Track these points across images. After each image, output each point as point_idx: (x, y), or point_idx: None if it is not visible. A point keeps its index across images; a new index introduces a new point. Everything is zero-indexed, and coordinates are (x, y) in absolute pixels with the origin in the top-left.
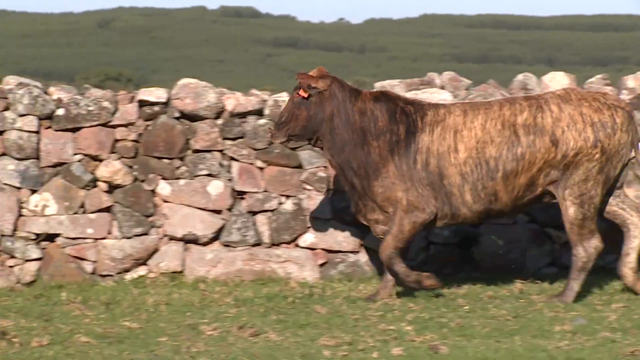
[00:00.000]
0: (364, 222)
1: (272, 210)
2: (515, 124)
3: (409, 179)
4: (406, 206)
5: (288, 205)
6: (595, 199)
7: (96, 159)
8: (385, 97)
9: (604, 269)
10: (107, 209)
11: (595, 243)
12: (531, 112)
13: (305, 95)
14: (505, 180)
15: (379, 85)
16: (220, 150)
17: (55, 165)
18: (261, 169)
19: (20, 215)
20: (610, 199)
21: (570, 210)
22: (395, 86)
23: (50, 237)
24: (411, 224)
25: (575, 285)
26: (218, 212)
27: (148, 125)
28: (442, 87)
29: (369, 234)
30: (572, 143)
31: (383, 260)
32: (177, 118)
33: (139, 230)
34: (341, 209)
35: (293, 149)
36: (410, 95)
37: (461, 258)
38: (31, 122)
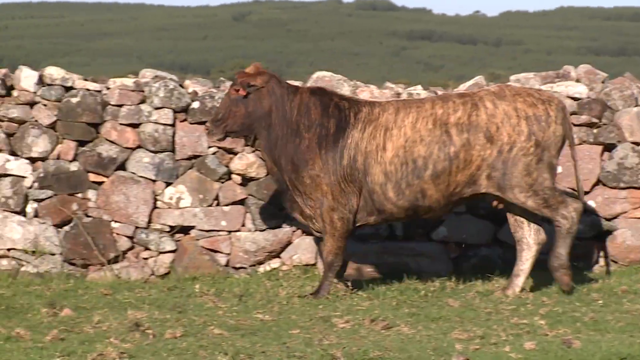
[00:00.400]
0: (300, 220)
1: None
2: (447, 123)
3: (333, 173)
4: (332, 201)
5: None
6: (546, 182)
7: (230, 151)
8: (321, 92)
9: None
10: (241, 202)
11: (573, 206)
12: (465, 110)
13: (244, 93)
14: (436, 179)
15: (513, 79)
16: None
17: (190, 158)
18: None
19: (155, 207)
20: (511, 214)
21: (529, 203)
22: (530, 79)
23: (185, 230)
24: (341, 220)
25: (562, 251)
26: None
27: None
28: (578, 80)
29: (502, 227)
30: (507, 138)
31: (325, 264)
32: None
33: (272, 222)
34: (474, 203)
35: None
36: (536, 87)
37: (596, 252)
38: (167, 115)
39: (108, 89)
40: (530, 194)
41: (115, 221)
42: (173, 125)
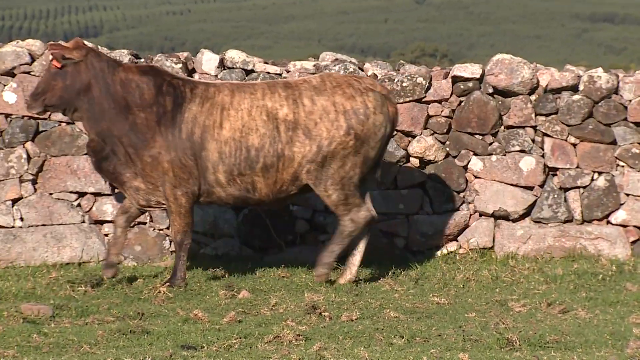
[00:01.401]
0: (122, 191)
1: (584, 187)
2: (277, 119)
3: (174, 149)
4: (173, 178)
5: (600, 181)
6: (355, 178)
7: (409, 134)
8: (153, 71)
9: None
10: (419, 185)
11: (363, 214)
12: (289, 106)
13: (59, 65)
14: (266, 173)
15: None
16: (533, 126)
17: None
18: (574, 145)
19: None
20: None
21: (333, 197)
22: None
23: None
24: (185, 195)
25: (336, 248)
26: (530, 188)
27: (461, 101)
28: None
29: None
30: (326, 134)
31: (175, 244)
32: (491, 94)
33: (450, 206)
34: None
35: (607, 125)
36: None
37: None
38: None
39: (288, 72)
40: (338, 187)
41: (294, 204)
42: None
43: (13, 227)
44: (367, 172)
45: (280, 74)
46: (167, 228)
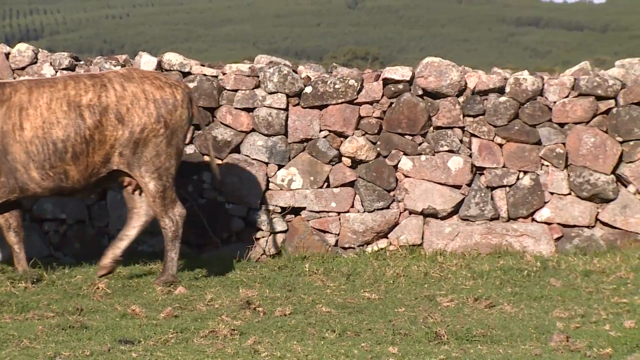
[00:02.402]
0: None
1: (510, 186)
2: (80, 105)
3: None
4: None
5: (526, 180)
6: (171, 169)
7: (341, 135)
8: None
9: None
10: (351, 184)
11: (179, 210)
12: (95, 91)
13: None
14: (76, 160)
15: (618, 64)
16: (461, 127)
17: (301, 141)
18: (500, 145)
19: (267, 189)
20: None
21: (150, 185)
22: (635, 64)
23: (295, 211)
24: None
25: (174, 255)
26: (457, 187)
27: (392, 103)
28: None
29: (604, 208)
30: (137, 119)
31: None
32: (420, 95)
33: (380, 204)
34: (578, 184)
35: (533, 125)
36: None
37: None
38: (280, 100)
39: (224, 74)
40: (155, 176)
41: (229, 202)
42: (286, 109)
43: None
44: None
45: (216, 76)
46: (107, 226)
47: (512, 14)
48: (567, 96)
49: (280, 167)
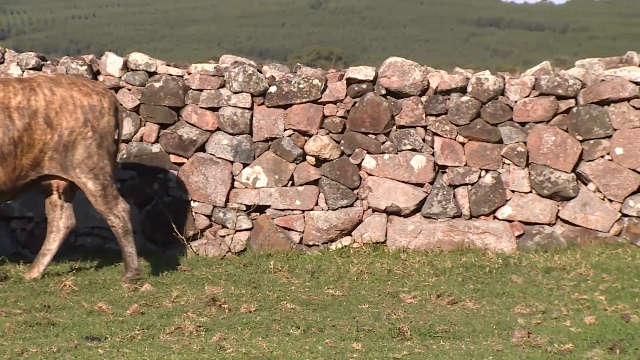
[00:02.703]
0: None
1: (472, 184)
2: (9, 107)
3: None
4: None
5: (487, 178)
6: (107, 168)
7: (305, 134)
8: None
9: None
10: (315, 182)
11: (122, 206)
12: (25, 95)
13: None
14: (3, 162)
15: (579, 64)
16: (424, 126)
17: (266, 140)
18: (462, 144)
19: (232, 187)
20: (48, 198)
21: (89, 185)
22: (594, 64)
23: (260, 209)
24: None
25: (130, 249)
26: (420, 185)
27: (355, 102)
28: None
29: (565, 206)
30: (65, 123)
31: None
32: (384, 95)
33: (344, 202)
34: (539, 182)
35: (494, 124)
36: (608, 72)
37: None
38: (245, 99)
39: (189, 74)
40: (91, 176)
41: (194, 200)
42: (251, 108)
43: None
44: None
45: (181, 76)
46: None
47: (473, 15)
48: (528, 96)
49: (245, 165)
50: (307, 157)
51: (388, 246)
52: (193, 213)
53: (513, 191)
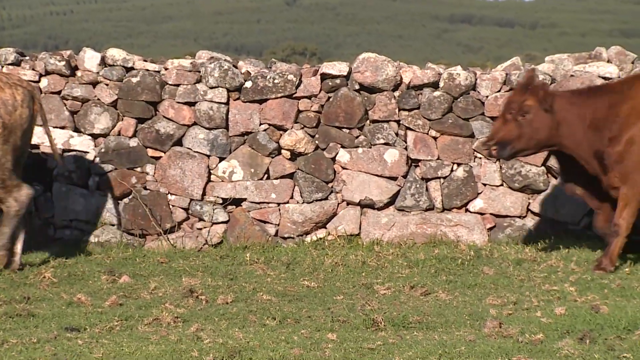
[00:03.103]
0: None
1: (444, 177)
2: None
3: None
4: None
5: (459, 172)
6: (7, 163)
7: (280, 128)
8: None
9: None
10: (290, 176)
11: (25, 192)
12: None
13: None
14: None
15: (548, 59)
16: (397, 121)
17: (242, 135)
18: (435, 138)
19: (209, 181)
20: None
21: None
22: (564, 60)
23: (237, 202)
24: None
25: (7, 230)
26: (393, 178)
27: (329, 97)
28: (609, 61)
29: (535, 199)
30: None
31: None
32: (357, 90)
33: (319, 195)
34: (510, 176)
35: (466, 119)
36: (577, 68)
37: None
38: (221, 94)
39: (166, 69)
40: None
41: (172, 194)
42: (227, 103)
43: None
44: (20, 157)
45: (158, 71)
46: (52, 217)
47: (445, 11)
48: (499, 91)
49: (221, 159)
50: (283, 151)
51: (362, 238)
52: (170, 206)
53: (485, 184)
